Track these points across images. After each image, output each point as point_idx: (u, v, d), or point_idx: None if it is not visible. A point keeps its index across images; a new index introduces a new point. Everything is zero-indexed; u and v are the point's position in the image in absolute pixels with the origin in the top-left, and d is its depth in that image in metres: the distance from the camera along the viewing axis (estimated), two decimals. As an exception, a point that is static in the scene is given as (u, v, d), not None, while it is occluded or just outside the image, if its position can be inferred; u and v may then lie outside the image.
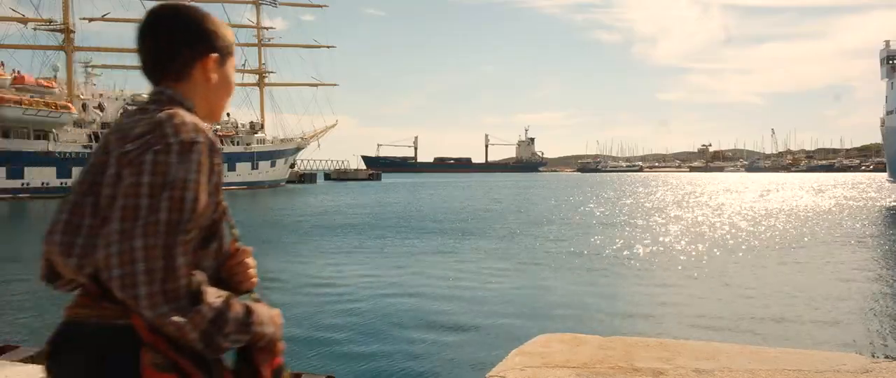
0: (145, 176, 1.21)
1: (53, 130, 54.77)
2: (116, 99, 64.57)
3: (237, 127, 73.99)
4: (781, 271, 15.51)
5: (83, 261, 1.29)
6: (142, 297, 1.17)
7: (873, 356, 3.84)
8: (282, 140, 79.96)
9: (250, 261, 1.44)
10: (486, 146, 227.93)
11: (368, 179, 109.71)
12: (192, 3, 1.51)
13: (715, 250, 19.50)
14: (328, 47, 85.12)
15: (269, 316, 1.36)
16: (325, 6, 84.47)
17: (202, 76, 1.42)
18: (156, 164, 1.22)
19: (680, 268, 16.24)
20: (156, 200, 1.20)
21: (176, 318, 1.18)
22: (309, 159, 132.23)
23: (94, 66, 66.73)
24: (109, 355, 1.24)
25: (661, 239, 22.72)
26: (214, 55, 1.43)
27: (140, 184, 1.21)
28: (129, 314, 1.22)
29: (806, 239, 22.50)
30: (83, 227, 1.30)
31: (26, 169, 52.39)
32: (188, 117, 1.29)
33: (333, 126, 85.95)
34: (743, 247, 20.36)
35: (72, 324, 1.32)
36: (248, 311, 1.29)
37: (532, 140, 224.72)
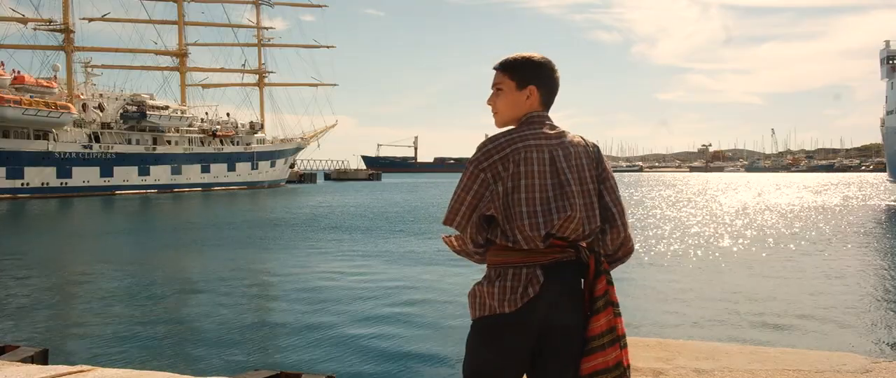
0: (614, 177, 2.11)
1: (53, 130, 54.70)
2: (116, 99, 64.52)
3: (237, 127, 73.94)
4: (781, 271, 15.50)
5: (586, 227, 2.01)
6: (633, 242, 2.13)
7: (873, 356, 3.84)
8: (282, 140, 79.93)
9: None
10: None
11: (368, 179, 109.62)
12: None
13: (715, 250, 19.50)
14: (328, 47, 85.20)
15: None
16: (325, 6, 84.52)
17: None
18: (611, 171, 2.12)
19: (680, 267, 16.23)
20: (620, 192, 2.11)
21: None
22: (309, 159, 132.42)
23: (94, 66, 66.65)
24: (575, 276, 2.02)
25: (660, 239, 22.71)
26: None
27: (614, 183, 2.10)
28: (575, 254, 2.01)
29: (806, 239, 22.49)
30: (585, 207, 2.01)
31: (26, 169, 52.31)
32: None
33: (333, 126, 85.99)
34: (743, 247, 20.36)
35: (557, 262, 2.00)
36: None
37: None
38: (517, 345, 1.97)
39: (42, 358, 5.16)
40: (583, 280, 2.03)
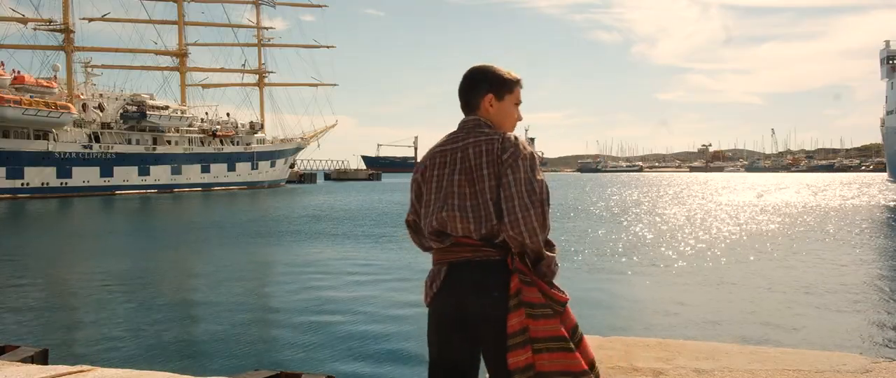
0: (522, 173, 2.03)
1: (53, 130, 54.70)
2: (116, 99, 64.52)
3: (237, 127, 73.94)
4: (781, 271, 15.49)
5: (479, 225, 2.07)
6: (540, 242, 2.04)
7: (873, 356, 3.83)
8: (282, 140, 79.94)
9: None
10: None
11: (368, 179, 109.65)
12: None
13: (715, 250, 19.49)
14: (328, 47, 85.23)
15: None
16: (325, 6, 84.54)
17: (485, 107, 2.22)
18: (524, 167, 2.05)
19: (680, 267, 16.23)
20: (533, 186, 2.03)
21: (550, 254, 2.08)
22: (309, 159, 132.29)
23: (94, 66, 66.65)
24: (491, 274, 2.06)
25: (660, 238, 22.71)
26: (490, 95, 2.21)
27: (521, 178, 2.03)
28: (502, 254, 2.06)
29: (806, 238, 22.49)
30: (470, 207, 2.09)
31: (26, 169, 52.31)
32: (518, 135, 2.14)
33: (333, 126, 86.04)
34: (743, 246, 20.35)
35: (461, 262, 2.10)
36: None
37: (532, 140, 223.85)
38: (439, 333, 2.16)
39: (42, 358, 5.15)
40: None
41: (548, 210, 2.06)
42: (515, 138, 2.12)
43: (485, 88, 2.22)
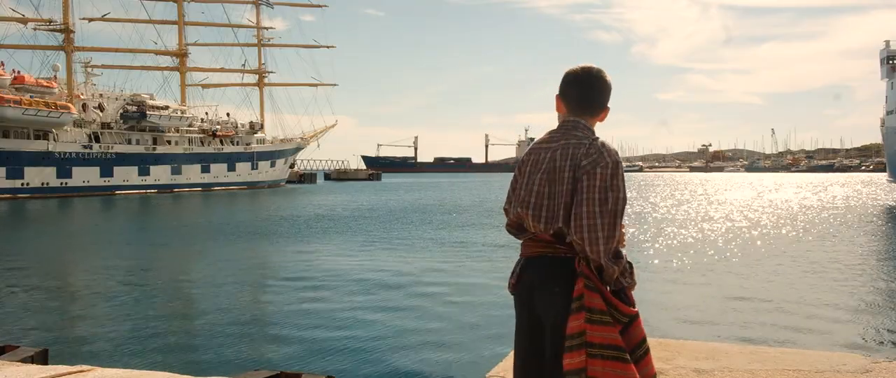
0: (598, 181, 2.10)
1: (53, 130, 54.69)
2: (116, 99, 64.51)
3: (237, 127, 73.92)
4: (781, 271, 15.49)
5: (548, 224, 2.18)
6: (601, 251, 2.07)
7: (873, 356, 3.83)
8: (282, 140, 79.92)
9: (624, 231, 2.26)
10: (486, 146, 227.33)
11: (368, 179, 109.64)
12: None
13: (715, 250, 19.49)
14: (328, 47, 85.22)
15: (634, 271, 2.24)
16: (325, 6, 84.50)
17: (604, 117, 2.32)
18: (603, 175, 2.10)
19: (679, 266, 16.23)
20: (605, 196, 2.09)
21: (612, 265, 2.09)
22: (309, 159, 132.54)
23: (94, 66, 66.62)
24: (558, 273, 2.16)
25: (660, 238, 22.71)
26: (608, 109, 2.31)
27: (595, 186, 2.09)
28: (571, 254, 2.15)
29: (805, 239, 22.49)
30: (544, 206, 2.19)
31: (26, 169, 52.30)
32: (610, 144, 2.17)
33: (333, 126, 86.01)
34: (742, 246, 20.35)
35: (534, 257, 2.24)
36: (631, 266, 2.20)
37: (532, 140, 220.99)
38: (518, 318, 2.32)
39: (42, 358, 5.16)
40: None
41: (618, 222, 2.11)
42: (602, 145, 2.16)
43: (607, 99, 2.31)
